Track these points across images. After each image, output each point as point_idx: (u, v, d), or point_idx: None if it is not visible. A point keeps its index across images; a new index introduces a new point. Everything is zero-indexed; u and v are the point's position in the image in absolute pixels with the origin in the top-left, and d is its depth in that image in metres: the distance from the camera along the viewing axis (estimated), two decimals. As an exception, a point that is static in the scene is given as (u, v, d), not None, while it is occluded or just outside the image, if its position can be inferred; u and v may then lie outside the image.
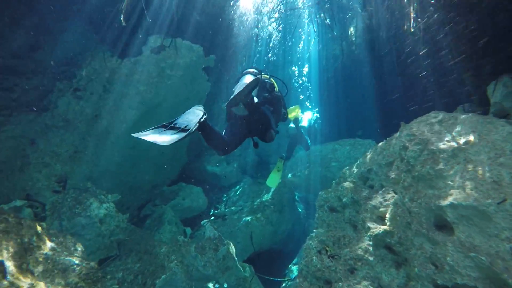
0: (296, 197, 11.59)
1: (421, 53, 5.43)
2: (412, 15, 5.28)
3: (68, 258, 3.07)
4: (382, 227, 3.84)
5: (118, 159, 7.42)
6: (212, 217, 10.00)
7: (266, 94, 4.14)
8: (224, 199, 11.34)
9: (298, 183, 10.42)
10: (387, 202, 4.19)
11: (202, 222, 8.78)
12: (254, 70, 4.05)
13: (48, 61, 6.69)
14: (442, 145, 3.37)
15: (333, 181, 6.94)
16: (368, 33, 7.60)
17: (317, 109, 11.08)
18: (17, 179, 5.83)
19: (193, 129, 3.13)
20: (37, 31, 6.49)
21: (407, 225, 3.48)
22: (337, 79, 10.57)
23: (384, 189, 4.63)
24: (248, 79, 3.74)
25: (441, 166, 3.26)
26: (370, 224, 4.22)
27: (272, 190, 9.74)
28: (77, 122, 6.59)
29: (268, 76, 4.56)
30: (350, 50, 9.54)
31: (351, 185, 5.73)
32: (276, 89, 4.56)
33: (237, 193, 11.13)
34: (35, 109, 6.28)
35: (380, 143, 5.65)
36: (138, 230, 6.50)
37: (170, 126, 3.17)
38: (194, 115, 3.39)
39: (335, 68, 10.74)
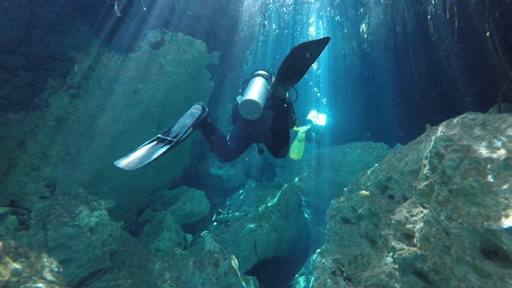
0: (302, 201, 10.97)
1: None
2: None
3: (36, 286, 2.52)
4: (412, 249, 3.23)
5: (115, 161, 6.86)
6: (215, 223, 9.43)
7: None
8: (228, 203, 10.76)
9: (305, 187, 9.81)
10: (415, 218, 3.58)
11: (202, 234, 8.20)
12: (265, 73, 3.61)
13: (40, 56, 6.17)
14: (490, 153, 2.75)
15: (345, 189, 6.33)
16: (385, 28, 6.99)
17: (326, 110, 10.46)
18: (2, 183, 5.30)
19: (182, 138, 2.99)
20: (29, 24, 5.98)
21: (444, 249, 2.86)
22: (347, 79, 9.95)
23: (409, 201, 4.02)
24: (258, 81, 3.36)
25: (489, 179, 2.64)
26: (394, 243, 3.61)
27: (278, 194, 9.14)
28: (70, 122, 6.05)
29: None
30: (361, 48, 8.93)
31: (367, 194, 5.12)
32: (287, 94, 4.15)
33: (241, 197, 10.54)
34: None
35: (400, 148, 5.03)
36: (133, 239, 5.95)
37: (162, 138, 3.09)
38: (190, 118, 3.21)
39: (345, 68, 10.12)
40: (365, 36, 8.07)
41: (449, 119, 4.00)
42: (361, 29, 8.46)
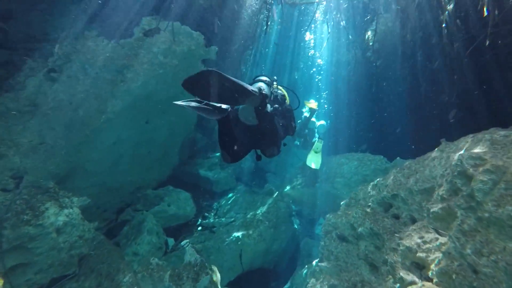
0: (292, 211, 10.41)
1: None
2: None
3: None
4: (427, 285, 2.69)
5: (95, 156, 6.23)
6: (199, 228, 8.80)
7: (277, 106, 3.70)
8: (215, 207, 10.14)
9: (296, 197, 9.27)
10: (429, 246, 3.05)
11: (182, 243, 7.56)
12: (267, 79, 3.57)
13: (21, 33, 5.53)
14: (535, 179, 2.24)
15: (342, 202, 5.80)
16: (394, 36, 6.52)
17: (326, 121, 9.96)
18: (-39, 170, 4.63)
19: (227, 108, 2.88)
20: (10, -2, 5.36)
21: (472, 291, 2.33)
22: (349, 87, 9.47)
23: (419, 224, 3.49)
24: (260, 86, 3.28)
25: (536, 210, 2.13)
26: (403, 274, 3.07)
27: (269, 202, 8.58)
28: (47, 109, 5.41)
29: (280, 87, 4.15)
30: (365, 56, 8.47)
31: (369, 211, 4.59)
32: (287, 101, 4.15)
33: (229, 202, 9.93)
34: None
35: (408, 163, 4.52)
36: (107, 243, 5.29)
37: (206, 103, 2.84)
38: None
39: (347, 75, 9.65)
40: (371, 44, 7.64)
41: (470, 134, 3.51)
42: (366, 36, 8.02)
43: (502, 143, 2.70)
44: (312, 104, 8.43)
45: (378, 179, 5.05)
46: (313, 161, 8.07)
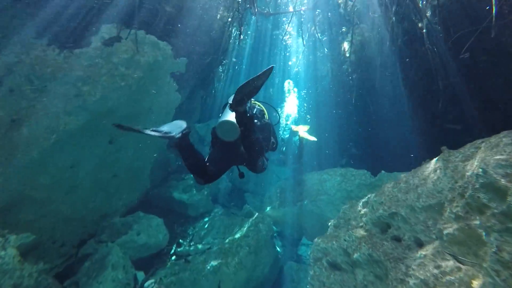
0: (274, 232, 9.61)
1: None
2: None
3: None
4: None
5: (46, 181, 5.25)
6: (173, 257, 7.80)
7: (256, 121, 3.63)
8: (190, 232, 9.16)
9: (278, 217, 8.52)
10: (450, 278, 2.39)
11: (146, 285, 6.50)
12: None
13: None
14: None
15: (330, 223, 5.12)
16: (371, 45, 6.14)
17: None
18: None
19: (176, 135, 2.95)
20: None
21: None
22: (328, 101, 9.03)
23: (430, 248, 2.85)
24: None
25: None
26: (423, 317, 2.39)
27: (248, 225, 7.78)
28: (-17, 128, 4.46)
29: (258, 103, 4.17)
30: (341, 69, 8.11)
31: (363, 233, 3.93)
32: (266, 116, 4.13)
33: (206, 226, 9.02)
34: None
35: (403, 176, 3.95)
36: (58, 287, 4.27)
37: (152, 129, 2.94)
38: (177, 126, 3.13)
39: (323, 89, 9.26)
40: (347, 55, 7.29)
41: (478, 140, 2.98)
42: (342, 48, 7.69)
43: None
44: (300, 129, 7.87)
45: (369, 196, 4.44)
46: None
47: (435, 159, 3.46)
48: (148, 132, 2.82)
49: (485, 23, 3.67)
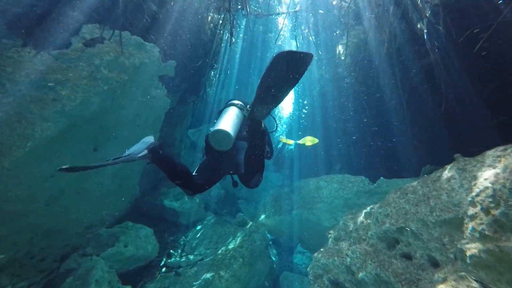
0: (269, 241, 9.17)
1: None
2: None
3: None
4: None
5: (21, 193, 4.75)
6: (164, 269, 7.31)
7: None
8: (182, 242, 8.68)
9: (272, 226, 8.10)
10: (480, 311, 2.02)
11: None
12: (240, 102, 3.28)
13: None
14: None
15: (330, 235, 4.73)
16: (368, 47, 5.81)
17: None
18: None
19: (134, 157, 2.70)
20: None
21: None
22: (323, 104, 8.67)
23: (450, 271, 2.48)
24: (231, 111, 3.10)
25: None
26: None
27: (242, 235, 7.35)
28: None
29: None
30: (336, 72, 7.78)
31: (368, 248, 3.55)
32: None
33: (198, 235, 8.55)
34: None
35: (410, 186, 3.58)
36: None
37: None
38: (143, 143, 2.91)
39: (318, 93, 8.91)
40: (343, 58, 6.96)
41: (501, 147, 2.63)
42: (337, 51, 7.37)
43: None
44: (289, 141, 7.57)
45: (372, 206, 4.06)
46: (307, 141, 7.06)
47: (447, 168, 3.10)
48: (105, 163, 2.57)
49: (500, 18, 3.35)
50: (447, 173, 3.05)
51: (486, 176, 2.46)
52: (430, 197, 3.04)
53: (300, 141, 7.02)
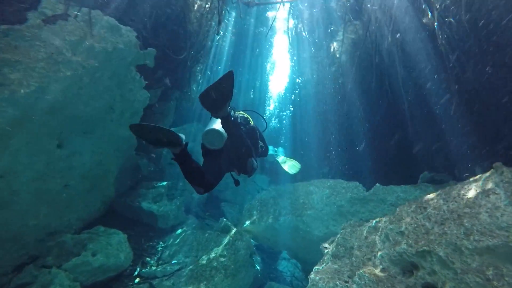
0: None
1: None
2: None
3: None
4: None
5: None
6: (137, 280, 6.42)
7: (242, 128, 3.53)
8: (159, 248, 7.79)
9: (258, 233, 7.36)
10: None
11: None
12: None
13: None
14: None
15: (326, 250, 4.03)
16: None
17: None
18: None
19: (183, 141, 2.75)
20: None
21: None
22: (315, 104, 8.01)
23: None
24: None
25: None
26: None
27: (225, 243, 6.58)
28: None
29: (242, 112, 4.06)
30: (330, 71, 7.15)
31: (379, 273, 2.86)
32: (251, 122, 4.00)
33: (177, 241, 7.69)
34: None
35: (432, 197, 2.93)
36: None
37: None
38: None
39: (311, 91, 8.25)
40: (337, 56, 6.34)
41: None
42: (332, 48, 6.74)
43: None
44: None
45: (377, 220, 3.40)
46: (290, 166, 6.68)
47: (482, 179, 2.45)
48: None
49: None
50: (481, 184, 2.40)
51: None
52: (461, 215, 2.38)
53: (280, 161, 6.47)
